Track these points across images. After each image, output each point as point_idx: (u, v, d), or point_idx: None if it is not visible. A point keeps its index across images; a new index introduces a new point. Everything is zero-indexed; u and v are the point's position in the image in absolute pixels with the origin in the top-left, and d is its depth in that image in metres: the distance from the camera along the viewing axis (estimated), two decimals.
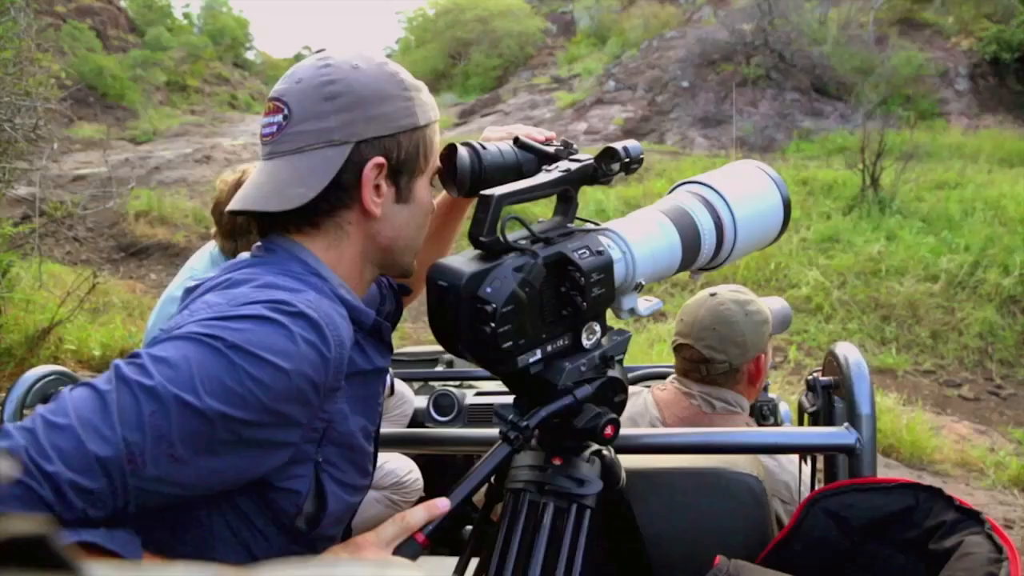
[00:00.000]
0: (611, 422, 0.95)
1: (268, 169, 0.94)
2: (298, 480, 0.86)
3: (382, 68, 0.95)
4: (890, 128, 9.64)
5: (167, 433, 0.72)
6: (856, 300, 7.33)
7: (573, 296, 0.91)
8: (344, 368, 0.87)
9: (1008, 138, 11.61)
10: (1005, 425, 5.53)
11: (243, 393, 0.76)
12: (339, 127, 0.91)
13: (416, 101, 0.96)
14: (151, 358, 0.74)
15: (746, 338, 1.51)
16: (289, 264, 0.92)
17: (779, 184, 1.05)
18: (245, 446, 0.78)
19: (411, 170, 0.96)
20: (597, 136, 13.90)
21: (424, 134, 0.97)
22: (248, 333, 0.78)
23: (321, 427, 0.87)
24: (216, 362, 0.75)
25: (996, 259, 7.45)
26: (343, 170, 0.91)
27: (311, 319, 0.82)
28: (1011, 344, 6.65)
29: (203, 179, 12.74)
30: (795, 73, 13.89)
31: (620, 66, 16.33)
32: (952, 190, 9.26)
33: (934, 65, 13.86)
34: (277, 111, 0.93)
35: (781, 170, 10.52)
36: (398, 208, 0.97)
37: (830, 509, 1.06)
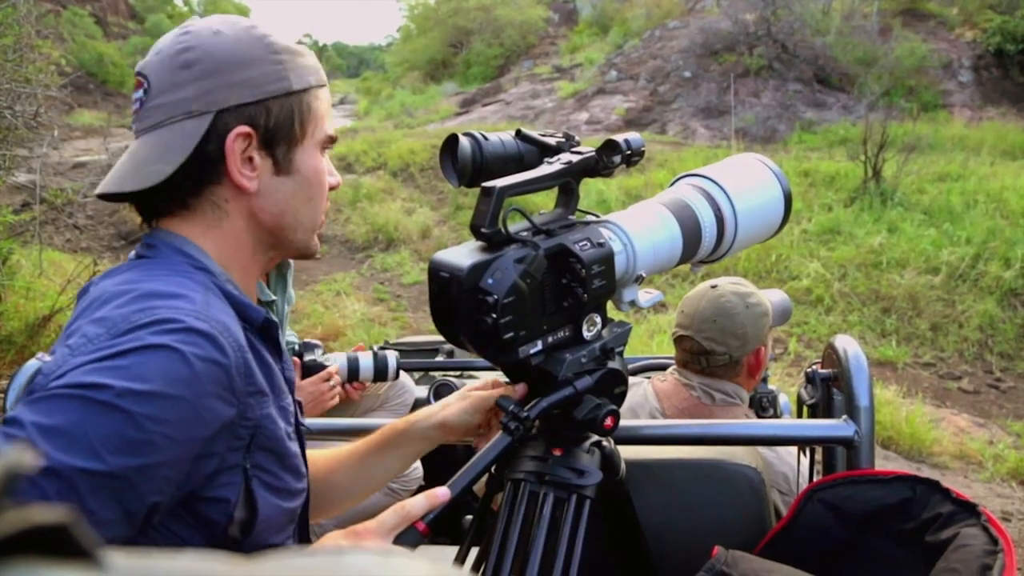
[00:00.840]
0: (611, 413, 0.96)
1: (132, 149, 0.89)
2: (226, 488, 0.82)
3: (248, 32, 0.89)
4: (893, 120, 9.61)
5: (82, 507, 0.67)
6: (857, 292, 7.33)
7: (574, 288, 0.92)
8: (252, 369, 0.83)
9: (1011, 130, 11.58)
10: (1004, 418, 5.55)
11: (148, 438, 0.70)
12: (196, 96, 0.85)
13: (289, 64, 0.89)
14: (38, 430, 0.67)
15: (746, 330, 1.52)
16: (171, 260, 0.87)
17: (780, 177, 1.05)
18: (163, 481, 0.73)
19: (288, 139, 0.90)
20: (599, 126, 13.86)
21: (301, 99, 0.90)
22: (135, 369, 0.71)
23: (247, 434, 0.83)
24: (110, 417, 0.69)
25: (997, 252, 7.44)
26: (205, 142, 0.85)
27: (201, 331, 0.76)
28: (1011, 337, 6.66)
29: None
30: (798, 64, 13.84)
31: (622, 56, 16.27)
32: (954, 182, 9.24)
33: (937, 56, 13.80)
34: (139, 86, 0.88)
35: (783, 161, 10.54)
36: (278, 181, 0.91)
37: (828, 501, 1.06)
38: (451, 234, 9.26)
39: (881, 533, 1.04)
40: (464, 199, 9.65)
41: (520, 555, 0.93)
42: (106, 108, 15.60)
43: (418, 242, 9.04)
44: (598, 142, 0.97)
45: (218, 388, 0.77)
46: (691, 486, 1.16)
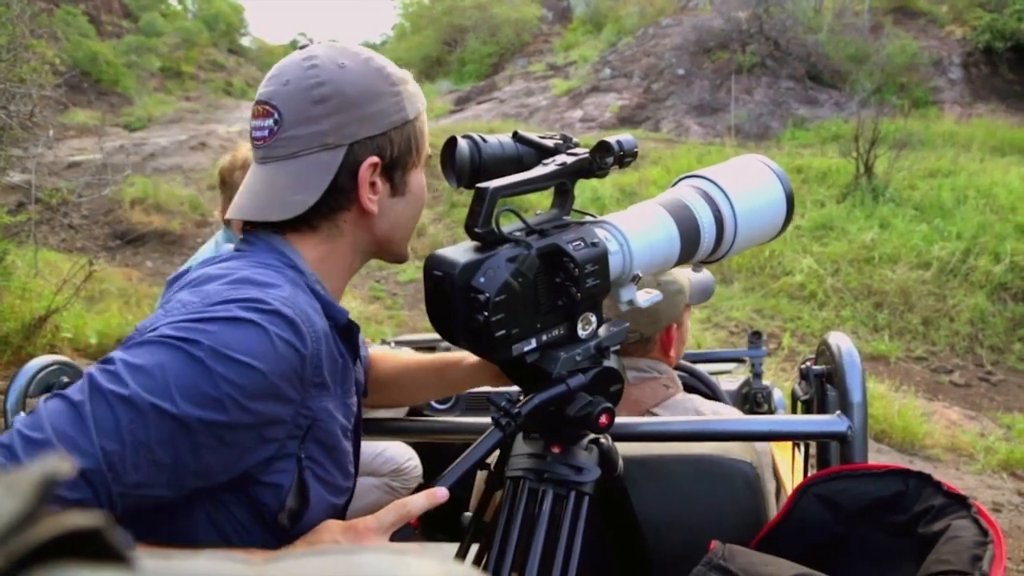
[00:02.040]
0: (606, 411, 0.97)
1: (263, 175, 0.94)
2: (281, 475, 0.86)
3: (368, 64, 0.95)
4: (884, 116, 9.65)
5: (146, 440, 0.72)
6: (849, 287, 7.38)
7: (567, 287, 0.93)
8: (322, 362, 0.88)
9: (1000, 127, 11.64)
10: (995, 411, 5.60)
11: (220, 397, 0.76)
12: (332, 130, 0.91)
13: (404, 94, 0.97)
14: (125, 365, 0.74)
15: (658, 308, 1.45)
16: (266, 256, 0.92)
17: (782, 178, 1.07)
18: (225, 446, 0.78)
19: (404, 164, 0.98)
20: (593, 124, 13.87)
21: (414, 127, 0.98)
22: (222, 335, 0.77)
23: (305, 424, 0.87)
24: (191, 367, 0.75)
25: (987, 247, 7.50)
26: (339, 172, 0.92)
27: (286, 316, 0.82)
28: (1001, 331, 6.71)
29: (198, 166, 12.70)
30: (790, 61, 13.87)
31: (616, 54, 16.29)
32: (945, 178, 9.29)
33: (928, 54, 13.86)
34: (267, 115, 0.93)
35: (776, 158, 10.54)
36: (393, 202, 0.99)
37: (822, 495, 1.08)
38: (446, 232, 9.27)
39: (875, 526, 1.05)
40: (459, 197, 9.65)
41: (520, 552, 0.95)
42: (100, 107, 15.56)
43: (413, 240, 9.04)
44: (593, 140, 0.98)
45: (291, 373, 0.82)
46: (687, 481, 1.17)
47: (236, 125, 16.40)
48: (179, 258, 9.11)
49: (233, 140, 14.79)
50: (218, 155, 13.54)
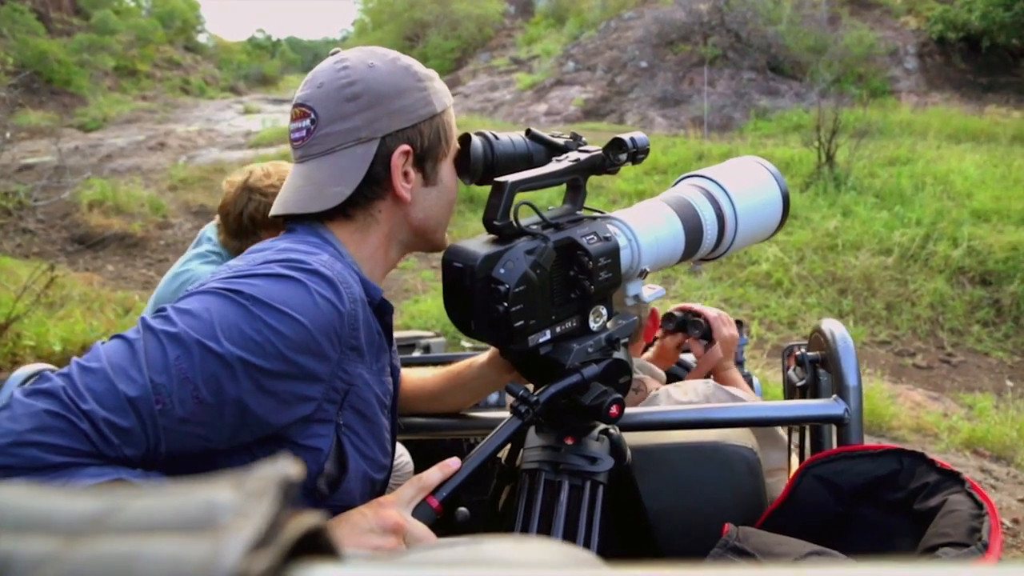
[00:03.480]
0: (616, 401, 1.00)
1: (303, 172, 0.99)
2: (319, 439, 0.91)
3: (396, 63, 1.01)
4: (844, 106, 9.85)
5: (191, 376, 0.77)
6: (814, 275, 7.52)
7: (581, 280, 0.96)
8: (359, 325, 0.92)
9: (955, 115, 11.95)
10: (956, 391, 5.76)
11: (261, 341, 0.81)
12: (364, 125, 0.96)
13: (431, 90, 1.01)
14: (175, 310, 0.81)
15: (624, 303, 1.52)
16: (306, 238, 0.98)
17: (779, 179, 1.10)
18: (265, 395, 0.83)
19: (435, 155, 1.02)
20: (558, 117, 13.92)
21: (442, 120, 1.02)
22: (266, 288, 0.84)
23: (343, 388, 0.92)
24: (235, 312, 0.81)
25: (945, 232, 7.70)
26: (373, 164, 0.97)
27: (326, 276, 0.88)
28: (960, 314, 6.91)
29: (158, 167, 12.46)
30: (751, 53, 14.07)
31: (579, 47, 16.35)
32: (903, 166, 9.51)
33: (884, 44, 14.17)
34: (304, 116, 0.98)
35: (740, 148, 10.72)
36: (426, 191, 1.03)
37: (822, 476, 1.12)
38: None
39: (872, 504, 1.10)
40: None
41: None
42: (53, 107, 15.17)
43: None
44: (559, 132, 1.02)
45: (329, 329, 0.87)
46: (691, 468, 1.21)
47: (196, 124, 16.12)
48: (141, 261, 8.94)
49: (192, 139, 14.54)
50: (177, 155, 13.30)
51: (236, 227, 1.79)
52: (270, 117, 17.03)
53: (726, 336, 1.72)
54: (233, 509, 0.17)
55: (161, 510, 0.18)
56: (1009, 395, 5.53)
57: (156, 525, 0.18)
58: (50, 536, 0.18)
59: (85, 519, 0.18)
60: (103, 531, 0.18)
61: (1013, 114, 12.19)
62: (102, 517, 0.18)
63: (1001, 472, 4.23)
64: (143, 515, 0.18)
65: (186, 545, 0.17)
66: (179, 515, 0.18)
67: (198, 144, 14.31)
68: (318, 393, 0.89)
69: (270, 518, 0.17)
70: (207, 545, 0.16)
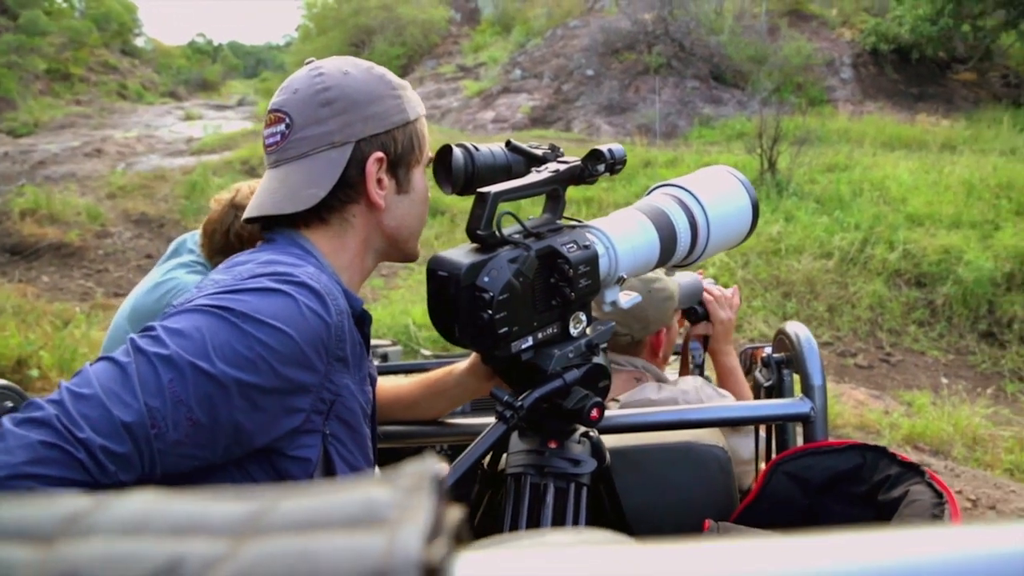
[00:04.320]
0: (596, 405, 1.02)
1: (277, 176, 1.00)
2: (308, 450, 0.92)
3: (370, 72, 1.02)
4: (784, 114, 10.15)
5: (185, 398, 0.77)
6: (759, 278, 7.72)
7: (562, 287, 0.98)
8: (345, 336, 0.93)
9: (889, 123, 12.43)
10: (896, 389, 5.99)
11: (254, 358, 0.81)
12: (339, 129, 0.98)
13: (404, 98, 1.03)
14: (165, 330, 0.80)
15: (647, 314, 1.56)
16: (287, 248, 0.99)
17: (748, 187, 1.15)
18: (256, 410, 0.83)
19: (408, 162, 1.04)
20: (505, 124, 13.99)
21: (415, 127, 1.05)
22: (255, 303, 0.84)
23: (329, 398, 0.93)
24: (227, 330, 0.81)
25: (883, 236, 8.00)
26: (347, 168, 0.98)
27: (313, 288, 0.89)
28: (898, 315, 7.18)
29: (95, 173, 12.10)
30: (695, 62, 14.38)
31: (525, 55, 16.46)
32: (842, 172, 9.85)
33: (821, 55, 14.66)
34: (279, 121, 0.99)
35: (685, 156, 10.95)
36: (399, 198, 1.05)
37: (790, 472, 1.17)
38: None
39: (838, 498, 1.15)
40: None
41: None
42: None
43: None
44: (502, 139, 1.05)
45: (317, 341, 0.88)
46: (664, 468, 1.24)
47: (134, 130, 15.69)
48: (79, 271, 8.67)
49: (131, 145, 14.15)
50: (115, 162, 12.93)
51: (222, 244, 1.78)
52: (212, 123, 16.69)
53: (722, 318, 1.74)
54: (394, 504, 0.19)
55: (317, 509, 0.19)
56: (945, 392, 5.77)
57: (317, 522, 0.19)
58: (215, 537, 0.19)
59: (243, 519, 0.19)
60: (265, 530, 0.19)
61: (942, 123, 12.73)
62: (258, 516, 0.19)
63: (939, 466, 4.41)
64: (300, 514, 0.19)
65: (360, 538, 0.18)
66: (339, 512, 0.19)
67: (137, 151, 13.94)
68: (307, 404, 0.89)
69: (435, 510, 0.19)
70: (382, 537, 0.18)
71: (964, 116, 13.13)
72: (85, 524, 0.20)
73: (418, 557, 0.17)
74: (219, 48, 43.46)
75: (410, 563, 0.17)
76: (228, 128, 16.07)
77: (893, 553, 0.19)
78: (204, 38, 42.75)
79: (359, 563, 0.17)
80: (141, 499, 0.21)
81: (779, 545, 0.20)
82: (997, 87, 14.72)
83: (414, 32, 19.47)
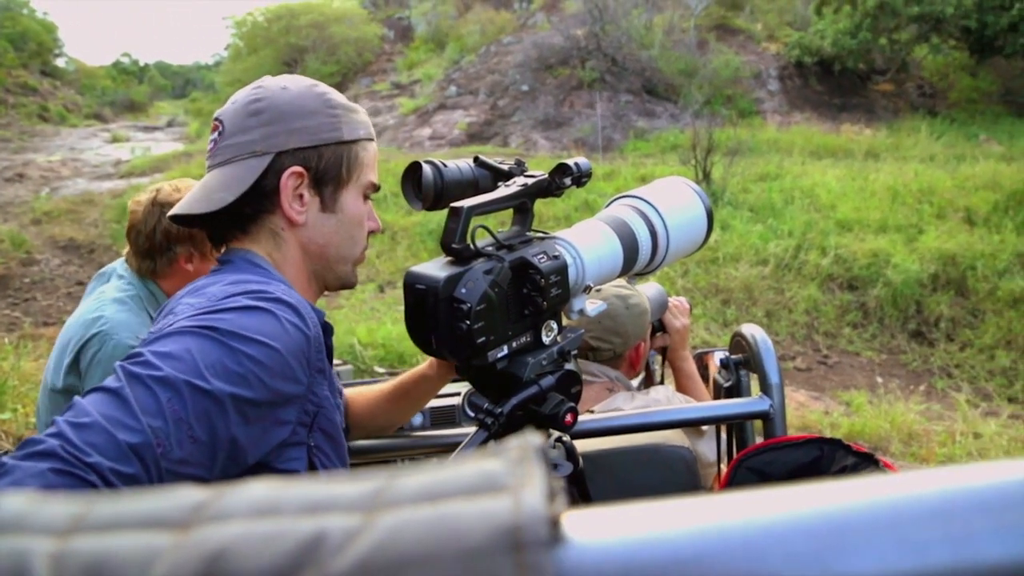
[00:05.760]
0: (571, 410, 1.06)
1: (204, 180, 1.03)
2: (295, 462, 0.93)
3: (311, 89, 1.04)
4: (716, 126, 10.46)
5: (185, 416, 0.77)
6: (699, 287, 7.91)
7: (534, 297, 1.01)
8: (323, 348, 0.95)
9: (815, 133, 12.93)
10: (834, 390, 6.20)
11: (244, 373, 0.82)
12: (261, 139, 0.99)
13: (343, 118, 1.04)
14: (154, 354, 0.80)
15: (627, 329, 1.66)
16: (246, 267, 1.00)
17: (702, 196, 1.20)
18: (249, 424, 0.84)
19: (335, 181, 1.04)
20: (442, 141, 14.02)
21: (350, 149, 1.04)
22: (239, 320, 0.85)
23: (312, 410, 0.94)
24: (215, 348, 0.82)
25: (815, 242, 8.30)
26: (264, 177, 0.99)
27: (289, 303, 0.90)
28: (832, 318, 7.44)
29: (17, 199, 11.64)
30: (627, 76, 14.70)
31: (460, 71, 16.56)
32: (773, 181, 10.19)
33: (749, 68, 15.18)
34: (215, 129, 1.03)
35: (622, 168, 11.16)
36: (324, 217, 1.04)
37: (754, 467, 1.22)
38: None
39: None
40: None
41: None
42: None
43: None
44: (443, 157, 1.08)
45: (300, 353, 0.89)
46: (633, 470, 1.28)
47: (58, 153, 15.17)
48: (3, 301, 8.31)
49: (56, 170, 13.66)
50: (39, 186, 12.47)
51: (148, 246, 1.74)
52: (141, 145, 16.26)
53: (678, 327, 1.82)
54: (508, 473, 0.21)
55: (437, 482, 0.22)
56: (881, 390, 6.01)
57: (441, 493, 0.21)
58: (348, 512, 0.21)
59: (369, 495, 0.21)
60: (394, 502, 0.21)
61: (865, 132, 13.31)
62: (382, 492, 0.22)
63: None
64: (422, 487, 0.21)
65: (486, 503, 0.20)
66: (458, 483, 0.21)
67: (62, 175, 13.47)
68: (292, 416, 0.91)
69: (546, 476, 0.21)
70: (508, 500, 0.20)
71: (885, 125, 13.75)
72: (215, 510, 0.22)
73: (545, 512, 0.20)
74: (146, 68, 42.40)
75: (539, 518, 0.19)
76: (158, 150, 15.68)
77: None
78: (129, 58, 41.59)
79: (492, 522, 0.20)
80: (262, 486, 0.23)
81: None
82: (914, 97, 15.48)
83: (347, 50, 19.38)
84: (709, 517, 0.22)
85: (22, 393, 4.73)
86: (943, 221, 8.79)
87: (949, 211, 9.06)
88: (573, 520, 0.21)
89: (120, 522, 0.22)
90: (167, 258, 1.74)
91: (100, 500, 0.23)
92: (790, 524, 0.21)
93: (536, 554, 0.19)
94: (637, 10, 16.07)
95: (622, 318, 1.65)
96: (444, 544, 0.19)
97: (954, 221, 8.79)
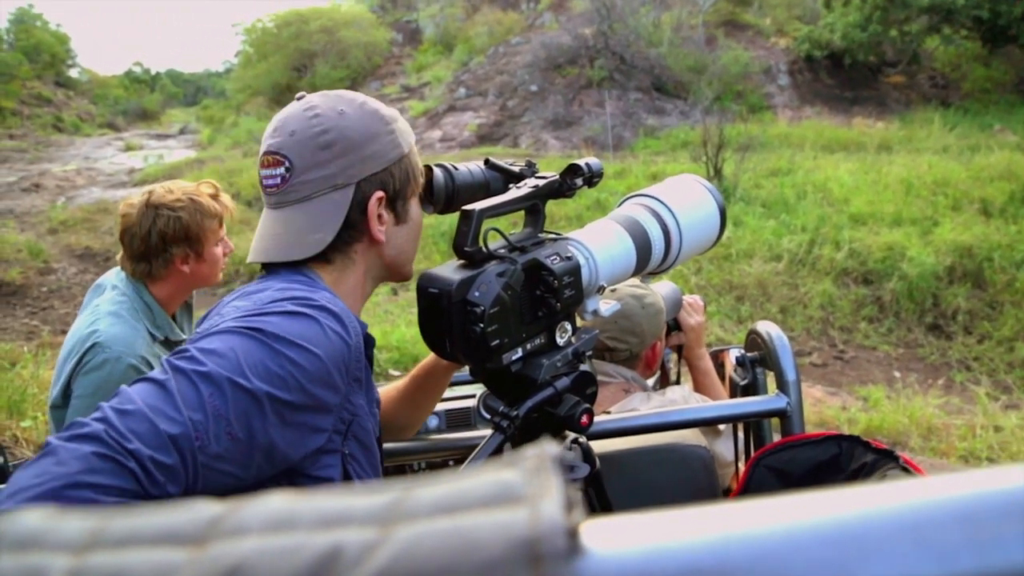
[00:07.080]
0: (586, 411, 1.05)
1: (280, 218, 1.02)
2: (330, 469, 0.94)
3: (364, 108, 1.04)
4: (726, 122, 10.41)
5: (225, 412, 0.79)
6: (712, 284, 7.87)
7: (547, 298, 1.01)
8: (362, 358, 0.96)
9: (826, 127, 12.84)
10: (851, 385, 6.15)
11: (284, 376, 0.84)
12: (340, 172, 1.00)
13: (398, 131, 1.05)
14: (200, 350, 0.82)
15: (644, 329, 1.65)
16: (295, 276, 1.01)
17: (715, 194, 1.19)
18: (287, 427, 0.86)
19: (405, 194, 1.06)
20: (453, 143, 14.04)
21: (409, 160, 1.06)
22: (283, 324, 0.87)
23: (348, 418, 0.96)
24: (259, 349, 0.84)
25: (828, 237, 8.23)
26: (350, 209, 1.00)
27: (333, 312, 0.92)
28: (848, 312, 7.38)
29: (34, 209, 11.77)
30: (636, 74, 14.66)
31: (469, 73, 16.57)
32: (785, 176, 10.11)
33: (758, 63, 15.10)
34: (278, 164, 1.00)
35: (632, 166, 11.13)
36: (397, 229, 1.07)
37: (772, 466, 1.21)
38: None
39: (819, 487, 1.19)
40: None
41: None
42: None
43: None
44: (454, 158, 1.08)
45: (340, 361, 0.91)
46: (650, 470, 1.27)
47: (72, 163, 15.32)
48: (22, 310, 8.40)
49: (71, 179, 13.80)
50: (55, 196, 12.60)
51: (143, 248, 1.73)
52: (154, 153, 16.38)
53: (693, 325, 1.81)
54: (525, 483, 0.21)
55: (453, 493, 0.21)
56: (899, 385, 5.95)
57: (457, 505, 0.21)
58: (364, 525, 0.21)
59: (385, 508, 0.21)
60: (410, 515, 0.21)
61: (877, 125, 13.20)
62: (398, 504, 0.21)
63: None
64: (439, 499, 0.21)
65: (503, 514, 0.20)
66: (475, 494, 0.21)
67: (77, 184, 13.61)
68: (329, 424, 0.92)
69: (563, 486, 0.21)
70: (525, 511, 0.20)
71: (897, 118, 13.64)
72: (231, 525, 0.22)
73: (563, 523, 0.19)
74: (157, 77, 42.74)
75: (557, 529, 0.19)
76: (171, 157, 15.79)
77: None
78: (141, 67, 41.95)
79: (510, 534, 0.19)
80: (277, 500, 0.23)
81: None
82: (926, 89, 15.35)
83: (357, 55, 19.45)
84: (730, 525, 0.22)
85: (42, 401, 4.77)
86: (958, 213, 8.70)
87: (964, 202, 8.96)
88: (591, 530, 0.21)
89: (136, 538, 0.22)
90: (163, 259, 1.73)
91: (116, 515, 0.23)
92: (812, 531, 0.21)
93: (555, 566, 0.19)
94: (645, 8, 16.04)
95: (638, 317, 1.65)
96: (461, 557, 0.19)
97: (969, 212, 8.69)
